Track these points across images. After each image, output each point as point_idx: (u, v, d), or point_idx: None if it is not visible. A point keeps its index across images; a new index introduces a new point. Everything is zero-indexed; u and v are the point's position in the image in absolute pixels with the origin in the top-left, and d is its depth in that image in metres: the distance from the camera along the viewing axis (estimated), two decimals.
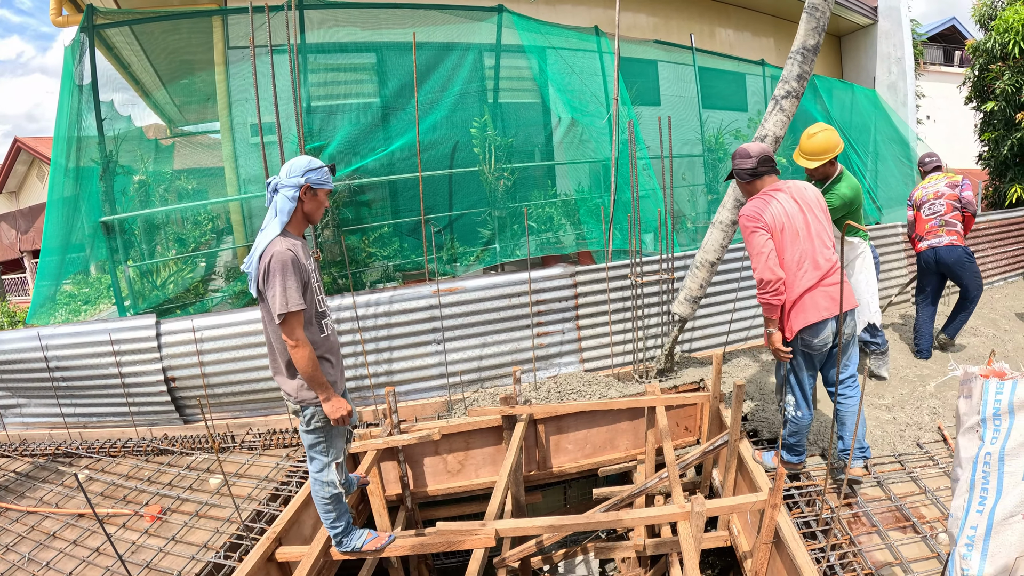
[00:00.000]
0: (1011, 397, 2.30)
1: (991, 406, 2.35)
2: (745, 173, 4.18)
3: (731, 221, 5.65)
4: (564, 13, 10.14)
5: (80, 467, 5.92)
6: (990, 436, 2.37)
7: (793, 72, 5.26)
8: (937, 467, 4.73)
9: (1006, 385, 2.32)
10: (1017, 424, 2.32)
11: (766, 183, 4.16)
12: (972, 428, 2.43)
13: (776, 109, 5.35)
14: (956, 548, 2.50)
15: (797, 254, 3.95)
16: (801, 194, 4.07)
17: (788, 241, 3.95)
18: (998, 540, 2.41)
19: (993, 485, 2.39)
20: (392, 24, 7.67)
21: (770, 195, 4.04)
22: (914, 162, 12.32)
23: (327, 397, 3.61)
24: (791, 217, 3.96)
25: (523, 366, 6.60)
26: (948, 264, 6.33)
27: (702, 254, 5.86)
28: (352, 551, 4.19)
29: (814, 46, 5.20)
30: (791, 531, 4.04)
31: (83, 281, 9.07)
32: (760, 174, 4.14)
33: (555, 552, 6.44)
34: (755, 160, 4.13)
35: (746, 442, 5.17)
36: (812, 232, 3.99)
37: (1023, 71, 12.36)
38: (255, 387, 6.21)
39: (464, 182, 7.71)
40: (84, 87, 6.52)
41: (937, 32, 27.03)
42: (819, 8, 5.15)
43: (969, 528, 2.47)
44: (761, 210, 3.99)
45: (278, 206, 3.54)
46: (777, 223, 3.94)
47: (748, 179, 4.19)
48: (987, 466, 2.39)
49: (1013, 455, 2.33)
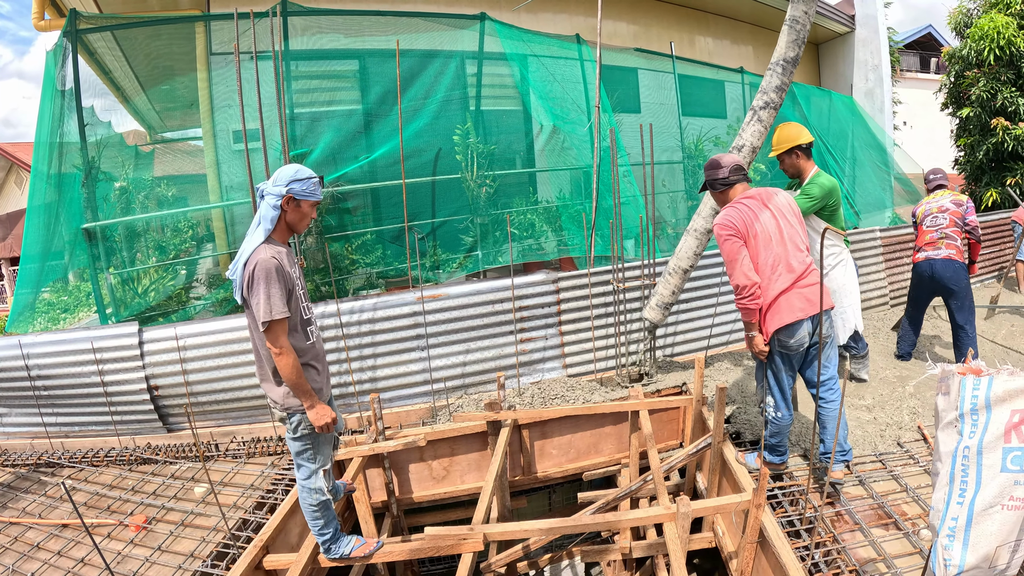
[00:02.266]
0: (987, 393, 2.37)
1: (968, 402, 2.42)
2: (718, 183, 4.32)
3: (706, 229, 5.70)
4: (546, 21, 10.22)
5: (63, 477, 5.86)
6: (968, 431, 2.44)
7: (772, 83, 5.32)
8: (918, 465, 4.82)
9: (982, 381, 2.39)
10: (994, 418, 2.39)
11: (738, 192, 4.29)
12: (951, 424, 2.49)
13: (754, 119, 5.41)
14: (938, 539, 2.57)
15: (771, 258, 4.06)
16: (772, 200, 4.19)
17: (761, 246, 4.06)
18: (979, 530, 2.48)
19: (972, 477, 2.46)
20: (375, 31, 7.69)
21: (742, 203, 4.16)
22: (891, 167, 12.49)
23: (312, 404, 3.61)
24: (763, 223, 4.07)
25: (507, 372, 6.62)
26: (943, 278, 6.22)
27: (675, 261, 5.91)
28: (341, 558, 4.18)
29: (793, 58, 5.26)
30: (776, 530, 4.09)
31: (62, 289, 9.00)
32: (732, 183, 4.29)
33: (541, 556, 6.46)
34: (727, 170, 4.27)
35: (729, 444, 5.22)
36: (785, 236, 4.09)
37: (998, 77, 12.58)
38: (239, 395, 6.19)
39: (447, 189, 7.74)
40: (66, 92, 6.48)
41: (914, 40, 27.43)
42: (799, 21, 5.21)
43: (950, 519, 2.53)
44: (733, 218, 4.09)
45: (262, 213, 3.53)
46: (750, 230, 4.06)
47: (721, 188, 4.33)
48: (966, 459, 2.46)
49: (990, 448, 2.40)
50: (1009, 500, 2.44)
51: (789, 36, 5.27)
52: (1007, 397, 2.36)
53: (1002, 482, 2.42)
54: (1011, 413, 2.37)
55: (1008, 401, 2.36)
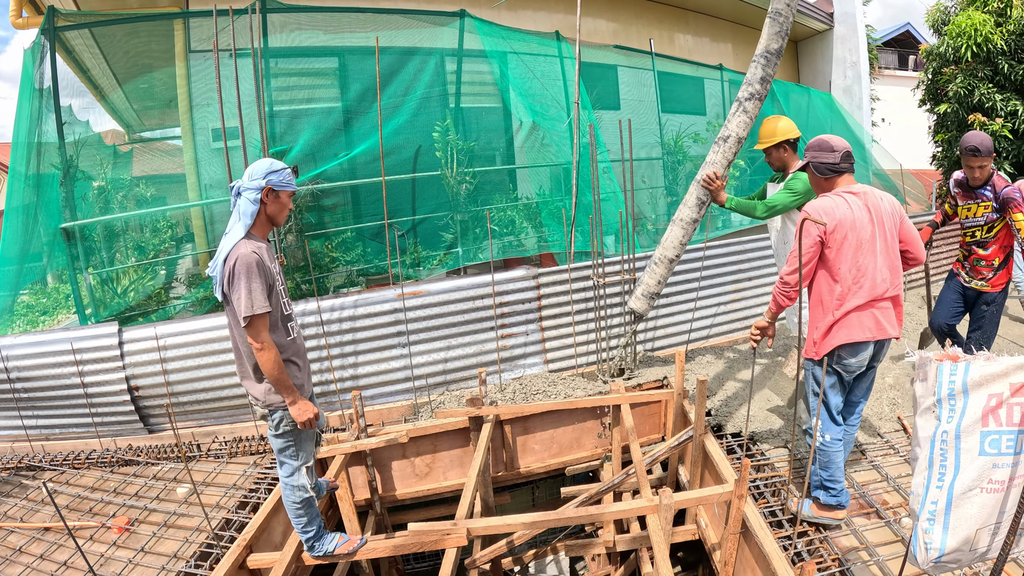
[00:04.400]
0: (964, 378, 2.40)
1: (946, 387, 2.44)
2: (826, 167, 3.80)
3: (692, 219, 5.67)
4: (526, 18, 10.23)
5: (44, 480, 5.82)
6: (946, 415, 2.46)
7: (756, 75, 5.36)
8: (898, 455, 4.90)
9: (959, 367, 2.41)
10: (971, 403, 2.41)
11: (843, 183, 3.81)
12: (929, 409, 2.52)
13: (739, 111, 5.44)
14: (919, 523, 2.59)
15: (855, 268, 3.62)
16: (876, 203, 3.70)
17: (848, 251, 3.61)
18: (959, 513, 2.51)
19: (951, 462, 2.48)
20: (355, 28, 7.67)
21: (843, 196, 3.68)
22: (870, 163, 12.61)
23: (294, 400, 3.62)
24: (858, 226, 3.61)
25: (488, 368, 6.64)
26: None
27: (661, 250, 5.88)
28: (324, 555, 4.19)
29: (777, 50, 5.30)
30: (758, 521, 4.13)
31: (40, 291, 8.93)
32: (842, 170, 3.79)
33: (526, 552, 6.49)
34: (840, 155, 3.76)
35: (711, 436, 5.27)
36: (877, 248, 3.65)
37: (975, 74, 12.72)
38: (220, 394, 6.17)
39: (427, 186, 7.74)
40: (44, 91, 6.42)
41: (892, 37, 27.66)
42: (782, 13, 5.25)
43: (930, 504, 2.56)
44: (829, 212, 3.63)
45: (241, 209, 3.54)
46: (840, 230, 3.60)
47: (829, 175, 3.82)
48: (944, 444, 2.48)
49: (968, 432, 2.43)
50: (988, 483, 2.46)
51: (772, 28, 5.30)
52: (984, 382, 2.39)
53: (980, 465, 2.44)
54: (988, 397, 2.40)
55: (985, 386, 2.39)
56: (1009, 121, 12.24)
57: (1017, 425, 2.41)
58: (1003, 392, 2.40)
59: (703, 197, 5.46)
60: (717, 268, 7.62)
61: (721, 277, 7.69)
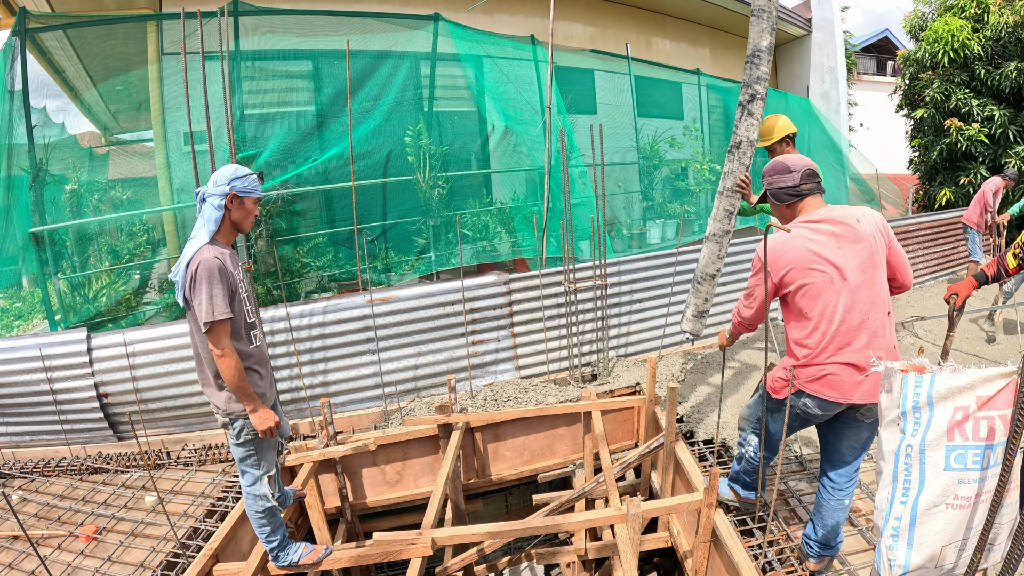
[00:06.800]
0: (930, 390, 2.35)
1: (911, 399, 2.40)
2: (785, 193, 3.27)
3: (724, 231, 5.46)
4: (501, 22, 10.22)
5: (14, 488, 5.75)
6: (911, 429, 2.42)
7: (753, 75, 5.38)
8: (870, 461, 4.91)
9: (924, 379, 2.37)
10: (936, 416, 2.37)
11: (809, 206, 3.25)
12: (893, 422, 2.49)
13: (744, 115, 5.46)
14: (882, 539, 2.57)
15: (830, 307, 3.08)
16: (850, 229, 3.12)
17: (814, 292, 3.10)
18: (923, 530, 2.48)
19: (916, 476, 2.44)
20: (328, 31, 7.65)
21: (803, 228, 3.16)
22: (847, 168, 12.71)
23: (254, 408, 3.58)
24: (821, 263, 3.07)
25: (459, 374, 6.60)
26: None
27: (701, 269, 5.78)
28: (289, 565, 4.14)
29: (767, 47, 5.31)
30: (728, 529, 4.13)
31: (15, 295, 8.84)
32: (804, 194, 3.24)
33: (499, 559, 6.46)
34: (798, 175, 3.23)
35: (682, 443, 5.26)
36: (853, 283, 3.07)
37: (952, 79, 12.88)
38: (189, 402, 6.10)
39: (398, 191, 7.72)
40: (15, 93, 6.36)
41: (870, 43, 27.94)
42: (765, 9, 5.26)
43: (894, 519, 2.53)
44: (780, 254, 3.17)
45: (205, 215, 3.52)
46: (795, 274, 3.12)
47: (789, 200, 3.28)
48: (908, 458, 2.45)
49: (933, 447, 2.39)
50: (954, 499, 2.43)
51: (758, 26, 5.32)
52: (950, 395, 2.35)
53: (946, 481, 2.41)
54: (954, 411, 2.36)
55: (951, 399, 2.35)
56: (986, 126, 12.40)
57: (984, 440, 2.37)
58: (970, 405, 2.36)
59: (730, 208, 5.43)
60: (691, 273, 7.61)
61: None
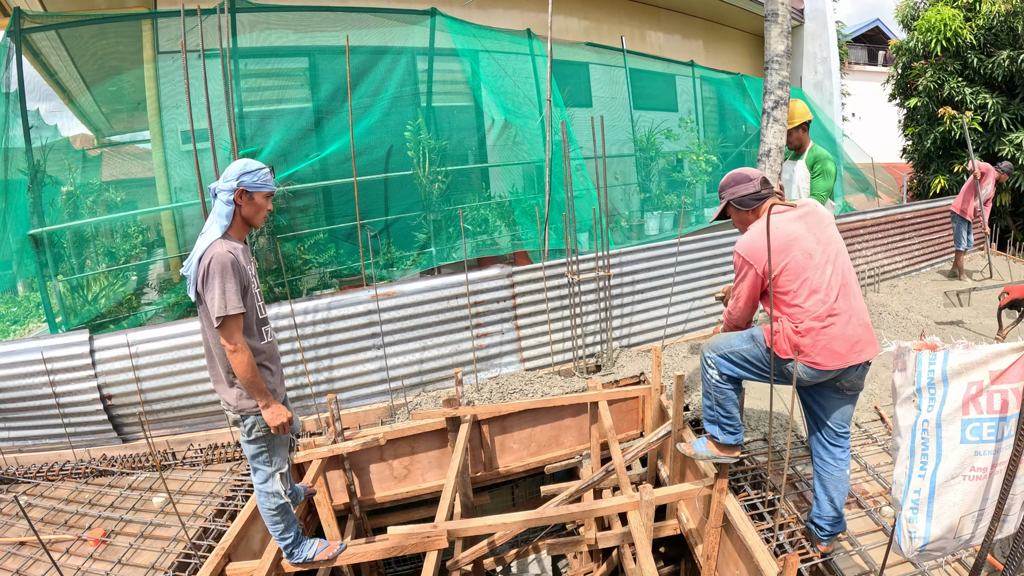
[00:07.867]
0: (943, 367, 2.43)
1: (925, 376, 2.46)
2: (749, 199, 3.59)
3: None
4: (497, 16, 10.23)
5: (18, 493, 5.71)
6: (926, 404, 2.49)
7: (774, 81, 5.45)
8: (876, 444, 4.96)
9: (938, 356, 2.44)
10: (951, 391, 2.44)
11: (766, 207, 3.50)
12: (908, 399, 2.54)
13: (770, 121, 5.55)
14: (902, 512, 2.62)
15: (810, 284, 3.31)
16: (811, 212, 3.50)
17: (799, 268, 3.32)
18: (942, 501, 2.54)
19: (933, 450, 2.51)
20: (326, 27, 7.63)
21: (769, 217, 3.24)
22: (840, 157, 12.75)
23: (267, 404, 3.56)
24: (792, 240, 3.34)
25: (464, 368, 6.61)
26: None
27: None
28: (304, 562, 4.14)
29: (785, 51, 5.39)
30: (739, 514, 4.16)
31: (11, 300, 8.81)
32: (764, 197, 3.59)
33: (507, 552, 6.47)
34: (758, 181, 3.58)
35: (689, 431, 5.27)
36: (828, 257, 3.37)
37: (945, 68, 12.94)
38: (194, 401, 6.08)
39: (399, 186, 7.71)
40: (11, 95, 6.32)
41: (862, 33, 28.03)
42: (779, 13, 5.32)
43: (913, 492, 2.58)
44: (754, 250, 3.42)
45: (217, 210, 3.49)
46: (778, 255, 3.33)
47: (753, 204, 3.59)
48: (925, 433, 2.51)
49: (949, 420, 2.46)
50: (970, 471, 2.50)
51: (775, 30, 5.38)
52: (963, 370, 2.42)
53: (962, 453, 2.48)
54: (968, 385, 2.43)
55: (964, 374, 2.42)
56: (979, 114, 12.45)
57: (998, 412, 2.45)
58: (983, 380, 2.43)
59: None
60: (691, 263, 7.63)
61: (695, 272, 7.70)
